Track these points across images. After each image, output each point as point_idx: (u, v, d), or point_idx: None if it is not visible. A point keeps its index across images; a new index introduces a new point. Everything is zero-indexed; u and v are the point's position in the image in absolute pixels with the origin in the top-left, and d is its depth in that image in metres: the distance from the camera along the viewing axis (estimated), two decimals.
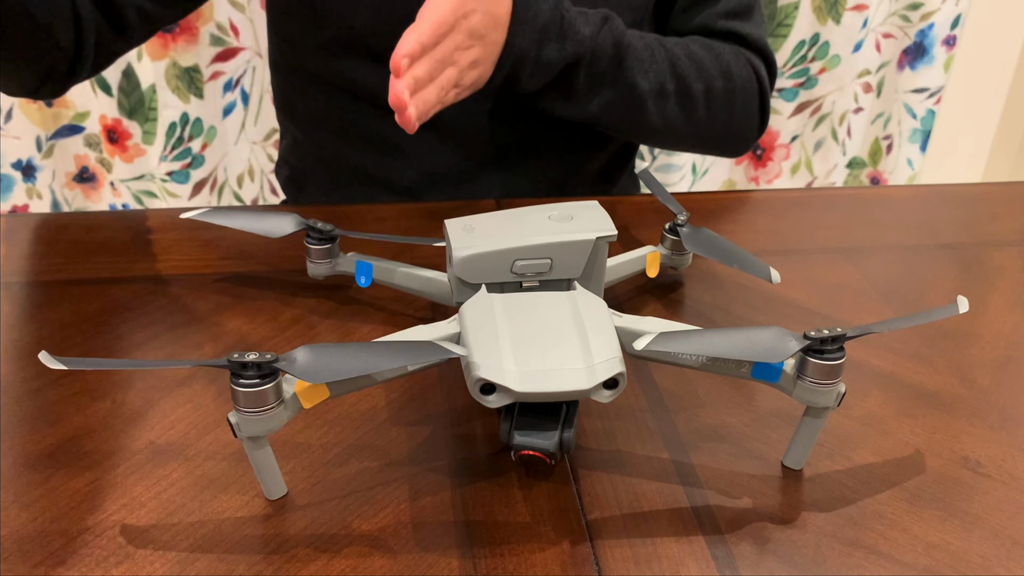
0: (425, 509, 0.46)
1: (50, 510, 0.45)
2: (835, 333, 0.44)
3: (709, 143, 0.87)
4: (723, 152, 0.91)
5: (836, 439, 0.51)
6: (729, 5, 0.84)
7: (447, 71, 0.63)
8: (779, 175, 1.69)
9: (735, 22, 0.85)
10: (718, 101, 0.82)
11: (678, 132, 0.82)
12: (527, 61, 0.70)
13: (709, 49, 0.82)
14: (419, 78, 0.60)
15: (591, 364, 0.43)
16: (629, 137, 0.89)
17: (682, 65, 0.79)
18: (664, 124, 0.80)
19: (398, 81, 0.58)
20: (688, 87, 0.79)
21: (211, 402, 0.53)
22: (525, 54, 0.69)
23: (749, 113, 0.86)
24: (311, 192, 0.93)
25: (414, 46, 0.59)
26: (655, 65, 0.77)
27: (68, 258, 0.68)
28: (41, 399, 0.53)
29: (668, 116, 0.80)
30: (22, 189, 1.44)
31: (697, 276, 0.68)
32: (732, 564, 0.43)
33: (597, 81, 0.75)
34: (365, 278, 0.60)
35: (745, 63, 0.84)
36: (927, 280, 0.68)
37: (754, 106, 0.86)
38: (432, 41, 0.61)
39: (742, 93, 0.84)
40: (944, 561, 0.43)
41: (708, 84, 0.81)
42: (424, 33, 0.60)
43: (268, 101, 1.49)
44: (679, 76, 0.79)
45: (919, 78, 1.61)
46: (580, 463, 0.49)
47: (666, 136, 0.83)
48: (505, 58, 0.69)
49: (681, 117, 0.81)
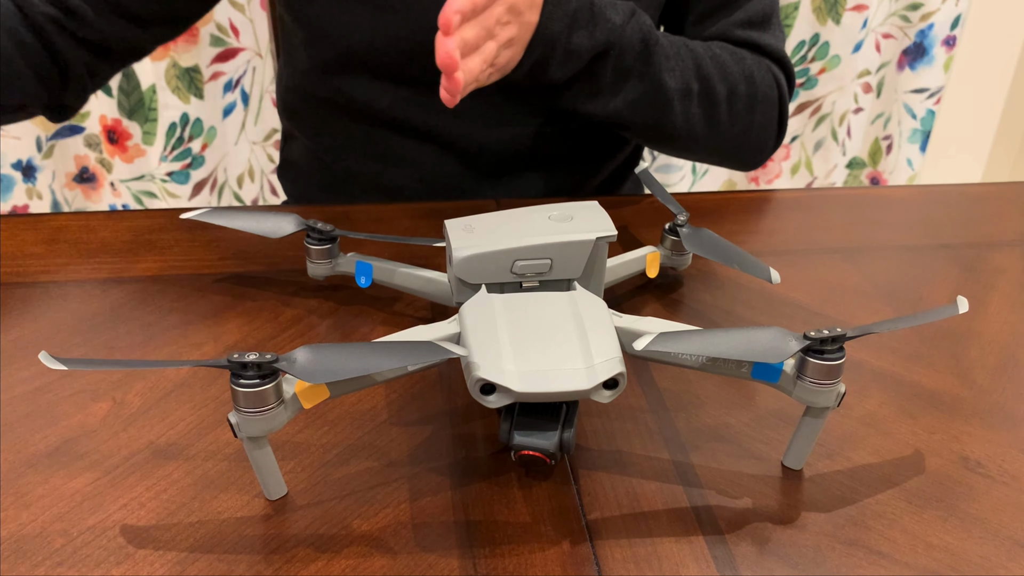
0: (425, 509, 0.46)
1: (50, 510, 0.45)
2: (835, 333, 0.44)
3: (726, 151, 0.84)
4: (738, 162, 0.87)
5: (836, 439, 0.51)
6: (747, 14, 0.82)
7: (488, 43, 0.61)
8: (779, 175, 1.70)
9: (753, 32, 0.82)
10: (740, 106, 0.79)
11: (697, 136, 0.79)
12: (558, 47, 0.68)
13: (732, 53, 0.79)
14: (467, 41, 0.58)
15: (591, 364, 0.43)
16: (649, 140, 0.85)
17: (706, 66, 0.76)
18: (687, 126, 0.78)
19: (448, 40, 0.54)
20: (712, 88, 0.77)
21: (211, 402, 0.53)
22: (556, 38, 0.67)
23: (768, 121, 0.83)
24: (314, 195, 0.93)
25: (467, 3, 0.56)
26: (681, 63, 0.75)
27: (68, 258, 0.68)
28: (41, 399, 0.53)
29: (691, 118, 0.77)
30: (22, 189, 1.44)
31: (697, 276, 0.68)
32: (732, 564, 0.43)
33: (624, 75, 0.73)
34: (365, 278, 0.60)
35: (767, 70, 0.81)
36: (927, 280, 0.68)
37: (773, 116, 0.83)
38: (483, 2, 0.58)
39: (763, 101, 0.81)
40: (944, 561, 0.43)
41: (731, 88, 0.78)
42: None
43: (268, 101, 1.49)
44: (703, 77, 0.76)
45: (919, 78, 1.61)
46: (580, 463, 0.49)
47: (686, 140, 0.80)
48: (536, 41, 0.67)
49: (703, 120, 0.78)
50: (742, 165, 0.87)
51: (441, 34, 0.54)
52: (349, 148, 0.86)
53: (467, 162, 0.83)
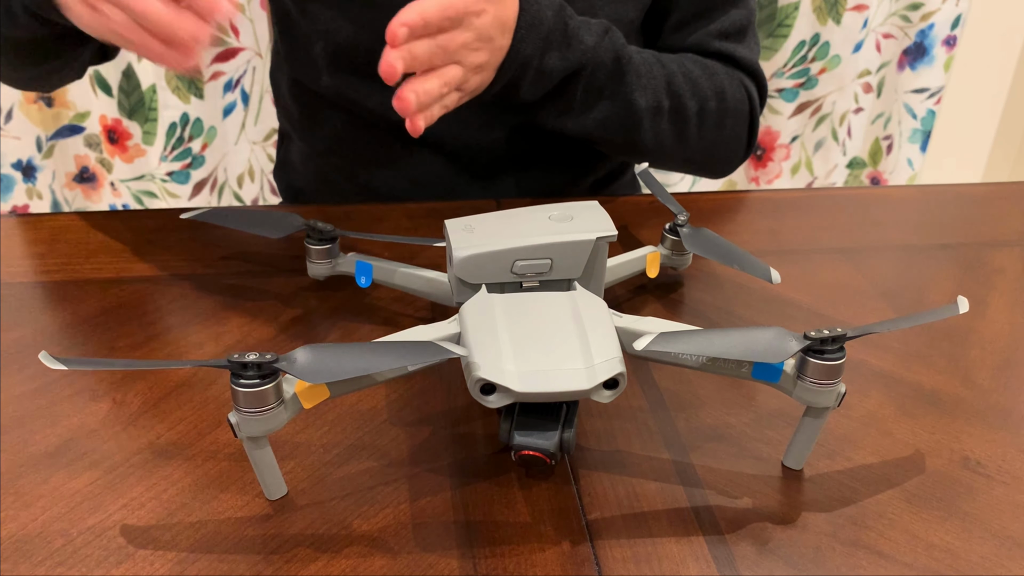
0: (425, 509, 0.46)
1: (50, 510, 0.45)
2: (835, 333, 0.44)
3: (695, 163, 0.85)
4: (707, 172, 0.88)
5: (836, 439, 0.51)
6: (723, 25, 0.82)
7: (452, 69, 0.61)
8: (779, 175, 1.69)
9: (729, 43, 0.82)
10: (709, 121, 0.80)
11: (667, 151, 0.80)
12: (529, 69, 0.68)
13: (704, 68, 0.80)
14: (418, 56, 0.58)
15: (591, 364, 0.43)
16: (619, 153, 0.86)
17: (678, 83, 0.77)
18: (656, 143, 0.78)
19: (392, 51, 0.55)
20: (683, 106, 0.78)
21: (211, 402, 0.53)
22: (528, 61, 0.67)
23: (738, 134, 0.84)
24: (308, 196, 0.93)
25: (415, 17, 0.56)
26: (652, 81, 0.75)
27: (68, 258, 0.68)
28: (41, 399, 0.53)
29: (660, 134, 0.78)
30: (22, 189, 1.44)
31: (697, 276, 0.68)
32: (732, 564, 0.43)
33: (595, 94, 0.73)
34: (365, 278, 0.60)
35: (739, 85, 0.82)
36: (927, 280, 0.68)
37: (743, 128, 0.84)
38: (436, 18, 0.58)
39: (733, 115, 0.82)
40: (944, 561, 0.43)
41: (702, 104, 0.79)
42: (429, 8, 0.57)
43: (268, 101, 1.49)
44: (674, 93, 0.77)
45: (919, 78, 1.61)
46: (580, 463, 0.49)
47: (656, 155, 0.80)
48: (508, 64, 0.67)
49: (672, 136, 0.79)
50: (711, 174, 0.89)
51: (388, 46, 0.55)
52: (340, 148, 0.86)
53: (457, 163, 0.83)
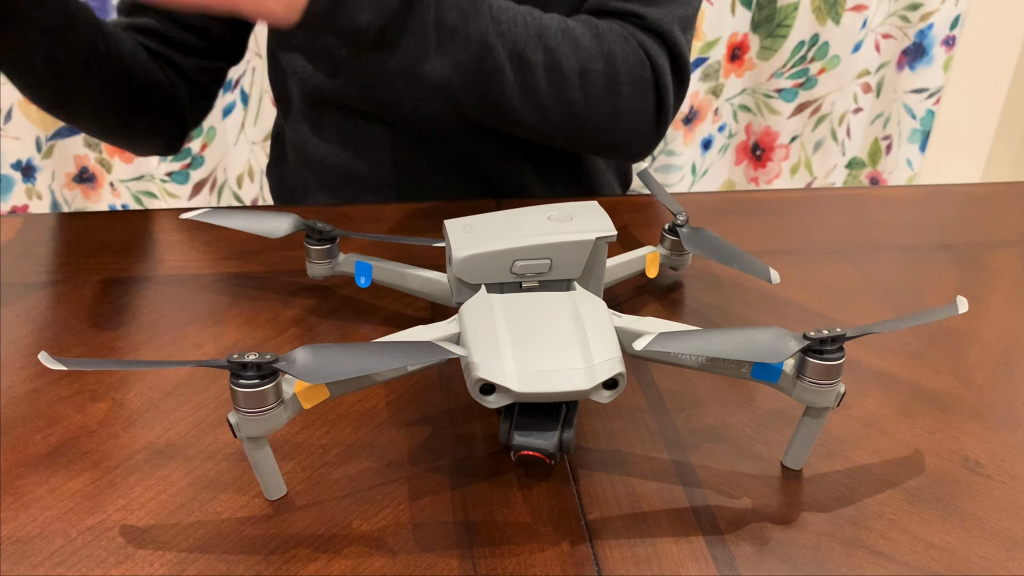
0: (425, 509, 0.46)
1: (50, 510, 0.45)
2: (835, 333, 0.44)
3: (593, 135, 0.77)
4: (614, 150, 0.81)
5: (836, 439, 0.51)
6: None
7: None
8: (779, 175, 1.70)
9: (634, 3, 0.76)
10: (597, 85, 0.73)
11: (550, 116, 0.74)
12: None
13: (593, 28, 0.73)
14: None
15: (591, 364, 0.43)
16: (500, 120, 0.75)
17: (552, 37, 0.71)
18: (531, 103, 0.72)
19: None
20: (558, 62, 0.71)
21: (211, 402, 0.53)
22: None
23: (640, 105, 0.76)
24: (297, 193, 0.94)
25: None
26: (515, 29, 0.69)
27: (68, 258, 0.68)
28: (41, 399, 0.53)
29: (535, 94, 0.72)
30: (22, 189, 1.44)
31: (697, 276, 0.68)
32: (732, 564, 0.43)
33: (447, 35, 0.67)
34: (365, 278, 0.60)
35: (635, 48, 0.75)
36: (927, 280, 0.68)
37: (647, 100, 0.77)
38: None
39: (629, 81, 0.75)
40: (944, 561, 0.43)
41: (584, 64, 0.72)
42: None
43: (268, 101, 1.49)
44: (548, 48, 0.70)
45: (918, 78, 1.61)
46: (580, 463, 0.49)
47: (536, 120, 0.74)
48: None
49: (551, 96, 0.72)
50: (620, 153, 0.82)
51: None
52: (320, 135, 0.87)
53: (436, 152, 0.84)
